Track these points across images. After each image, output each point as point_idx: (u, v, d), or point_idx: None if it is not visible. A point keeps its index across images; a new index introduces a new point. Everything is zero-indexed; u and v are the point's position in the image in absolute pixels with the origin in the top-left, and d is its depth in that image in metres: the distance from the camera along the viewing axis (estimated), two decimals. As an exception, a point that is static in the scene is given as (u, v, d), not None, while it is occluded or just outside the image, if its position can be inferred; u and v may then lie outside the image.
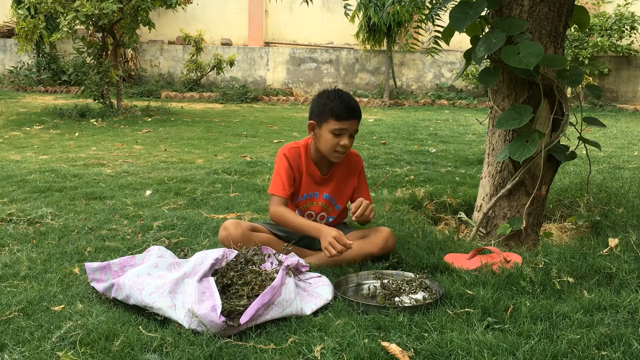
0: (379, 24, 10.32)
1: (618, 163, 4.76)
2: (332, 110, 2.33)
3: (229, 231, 2.28)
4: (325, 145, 2.38)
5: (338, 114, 2.33)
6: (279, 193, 2.38)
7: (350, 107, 2.35)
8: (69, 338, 1.66)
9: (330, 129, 2.34)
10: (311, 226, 2.26)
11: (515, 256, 2.26)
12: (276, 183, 2.40)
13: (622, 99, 10.61)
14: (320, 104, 2.38)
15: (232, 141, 6.02)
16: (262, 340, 1.68)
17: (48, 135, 6.33)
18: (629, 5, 10.14)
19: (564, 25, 2.53)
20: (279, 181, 2.40)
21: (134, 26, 7.74)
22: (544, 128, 2.50)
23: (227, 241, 2.27)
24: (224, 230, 2.30)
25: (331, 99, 2.36)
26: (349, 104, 2.35)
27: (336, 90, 2.40)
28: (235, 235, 2.26)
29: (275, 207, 2.36)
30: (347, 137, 2.36)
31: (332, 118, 2.33)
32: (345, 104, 2.34)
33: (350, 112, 2.34)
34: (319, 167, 2.48)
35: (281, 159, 2.43)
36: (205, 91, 11.64)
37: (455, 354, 1.58)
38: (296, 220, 2.30)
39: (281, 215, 2.33)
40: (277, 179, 2.41)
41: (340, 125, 2.33)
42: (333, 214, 2.53)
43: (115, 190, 3.61)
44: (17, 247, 2.49)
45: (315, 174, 2.48)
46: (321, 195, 2.49)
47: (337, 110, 2.33)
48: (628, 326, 1.75)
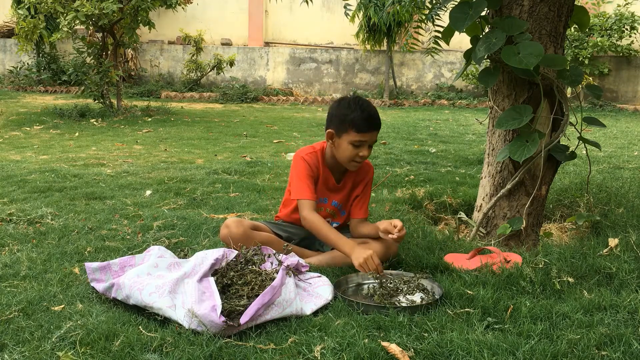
0: (379, 24, 10.32)
1: (618, 163, 4.76)
2: (353, 122, 2.27)
3: (230, 229, 2.27)
4: (343, 155, 2.34)
5: (359, 126, 2.27)
6: (307, 197, 2.31)
7: (372, 119, 2.29)
8: (69, 338, 1.66)
9: (350, 140, 2.29)
10: (343, 242, 2.19)
11: (515, 256, 2.26)
12: (301, 187, 2.33)
13: (622, 99, 10.61)
14: (341, 114, 2.31)
15: (232, 141, 6.02)
16: (262, 340, 1.68)
17: (48, 135, 6.33)
18: (629, 5, 10.14)
19: (564, 25, 2.53)
20: (304, 185, 2.33)
21: (134, 26, 7.74)
22: (544, 128, 2.50)
23: (228, 239, 2.26)
24: (225, 229, 2.29)
25: (352, 109, 2.29)
26: (369, 115, 2.29)
27: (356, 99, 2.33)
28: (236, 234, 2.25)
29: (307, 212, 2.28)
30: (366, 148, 2.32)
31: (353, 129, 2.28)
32: (366, 115, 2.28)
33: (371, 124, 2.29)
34: (333, 174, 2.46)
35: (301, 162, 2.37)
36: (205, 91, 11.64)
37: (455, 354, 1.58)
38: (329, 233, 2.22)
39: (314, 223, 2.26)
40: (301, 183, 2.34)
41: (361, 137, 2.29)
42: (338, 220, 2.52)
43: (115, 190, 3.61)
44: (17, 247, 2.49)
45: (330, 181, 2.46)
46: (330, 202, 2.48)
47: (358, 122, 2.27)
48: (628, 326, 1.75)
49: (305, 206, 2.29)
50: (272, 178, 4.07)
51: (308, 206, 2.29)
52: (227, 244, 2.28)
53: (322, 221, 2.26)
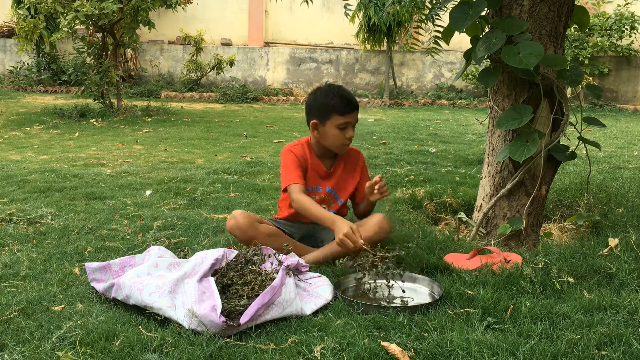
0: (379, 24, 10.32)
1: (618, 163, 4.76)
2: (335, 107, 2.42)
3: (237, 220, 2.30)
4: (332, 140, 2.46)
5: (342, 110, 2.42)
6: (295, 181, 2.39)
7: (351, 101, 2.45)
8: (69, 338, 1.66)
9: (335, 124, 2.43)
10: (327, 217, 2.25)
11: (515, 256, 2.26)
12: (289, 175, 2.42)
13: (622, 99, 10.61)
14: (321, 103, 2.45)
15: (232, 141, 6.02)
16: (262, 340, 1.68)
17: (48, 135, 6.33)
18: (629, 5, 10.14)
19: (564, 25, 2.53)
20: (291, 172, 2.42)
21: (134, 26, 7.74)
22: (544, 128, 2.50)
23: (235, 230, 2.30)
24: (232, 219, 2.32)
25: (331, 96, 2.43)
26: (348, 98, 2.45)
27: (331, 87, 2.48)
28: (243, 224, 2.28)
29: (296, 194, 2.35)
30: (351, 128, 2.46)
31: (336, 114, 2.42)
32: (345, 98, 2.44)
33: (352, 105, 2.45)
34: (323, 162, 2.55)
35: (288, 154, 2.48)
36: (205, 91, 11.64)
37: (455, 354, 1.58)
38: (314, 208, 2.29)
39: (302, 202, 2.32)
40: (288, 171, 2.43)
41: (345, 119, 2.43)
42: (334, 207, 2.56)
43: (115, 190, 3.61)
44: (17, 247, 2.49)
45: (320, 168, 2.54)
46: (323, 189, 2.54)
47: (340, 106, 2.42)
48: (628, 326, 1.75)
49: (295, 190, 2.37)
50: (272, 178, 4.07)
51: (297, 189, 2.37)
52: (235, 235, 2.33)
53: (310, 200, 2.34)
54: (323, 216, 2.26)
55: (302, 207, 2.33)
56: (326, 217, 2.25)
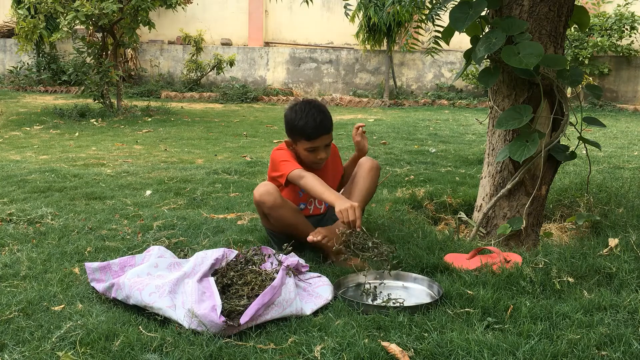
0: (379, 24, 10.31)
1: (618, 163, 4.76)
2: (302, 131, 2.36)
3: (267, 186, 2.32)
4: (305, 159, 2.44)
5: (308, 135, 2.36)
6: (295, 167, 2.34)
7: (318, 126, 2.36)
8: (69, 338, 1.66)
9: (304, 147, 2.40)
10: (330, 192, 2.22)
11: (516, 256, 2.26)
12: (289, 164, 2.37)
13: (622, 99, 10.61)
14: (291, 123, 2.40)
15: (232, 141, 6.02)
16: (262, 340, 1.68)
17: (48, 135, 6.33)
18: (629, 5, 10.13)
19: (564, 25, 2.53)
20: (291, 162, 2.38)
21: (134, 26, 7.74)
22: (544, 128, 2.50)
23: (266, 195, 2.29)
24: (262, 186, 2.33)
25: (299, 117, 2.37)
26: (316, 122, 2.36)
27: (304, 106, 2.40)
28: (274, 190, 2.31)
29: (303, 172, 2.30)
30: (322, 150, 2.41)
31: (303, 138, 2.38)
32: (312, 123, 2.35)
33: (318, 130, 2.36)
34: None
35: (280, 152, 2.46)
36: (205, 91, 11.64)
37: (455, 354, 1.58)
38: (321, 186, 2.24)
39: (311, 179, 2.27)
40: (287, 162, 2.38)
41: (312, 144, 2.38)
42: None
43: (115, 190, 3.61)
44: (17, 247, 2.49)
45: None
46: None
47: (306, 131, 2.36)
48: (628, 326, 1.75)
49: (299, 171, 2.32)
50: (272, 178, 4.07)
51: (301, 170, 2.32)
52: (263, 202, 2.30)
53: (318, 178, 2.29)
54: (328, 194, 2.21)
55: (311, 184, 2.26)
56: (328, 193, 2.21)
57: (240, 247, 2.46)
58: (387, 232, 2.66)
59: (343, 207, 2.09)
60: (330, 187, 2.28)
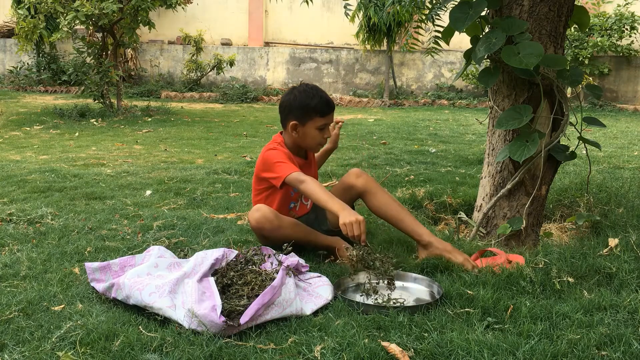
0: (379, 24, 10.31)
1: (618, 163, 4.76)
2: (316, 108, 2.42)
3: (263, 211, 2.30)
4: (311, 141, 2.48)
5: (322, 111, 2.43)
6: (293, 169, 2.31)
7: (330, 101, 2.47)
8: (69, 338, 1.66)
9: (316, 125, 2.44)
10: (334, 201, 2.17)
11: (519, 257, 2.25)
12: (286, 166, 2.33)
13: (622, 99, 10.61)
14: (302, 104, 2.43)
15: (232, 141, 6.02)
16: (262, 340, 1.68)
17: (48, 135, 6.33)
18: (629, 5, 10.14)
19: (564, 25, 2.53)
20: (288, 164, 2.35)
21: (134, 26, 7.74)
22: (544, 128, 2.50)
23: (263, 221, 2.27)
24: (257, 212, 2.30)
25: (311, 97, 2.43)
26: (327, 99, 2.46)
27: (309, 87, 2.47)
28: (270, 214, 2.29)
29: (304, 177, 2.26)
30: (328, 129, 2.50)
31: (317, 115, 2.43)
32: (325, 100, 2.45)
33: (331, 106, 2.47)
34: (299, 156, 2.57)
35: (274, 151, 2.42)
36: (205, 91, 11.64)
37: (455, 354, 1.58)
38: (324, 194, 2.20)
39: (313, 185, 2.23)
40: (283, 164, 2.35)
41: (325, 121, 2.46)
42: None
43: (115, 190, 3.61)
44: (17, 247, 2.49)
45: (301, 161, 2.55)
46: None
47: (320, 108, 2.43)
48: (628, 326, 1.75)
49: (299, 174, 2.28)
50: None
51: (299, 174, 2.29)
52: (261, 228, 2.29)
53: (321, 185, 2.27)
54: (332, 203, 2.16)
55: (312, 190, 2.22)
56: (332, 202, 2.17)
57: (240, 247, 2.46)
58: (387, 232, 2.66)
59: (348, 221, 2.05)
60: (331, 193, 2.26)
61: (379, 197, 2.44)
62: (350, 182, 2.49)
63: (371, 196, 2.45)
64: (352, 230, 2.04)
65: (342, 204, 2.16)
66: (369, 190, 2.45)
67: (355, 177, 2.49)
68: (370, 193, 2.45)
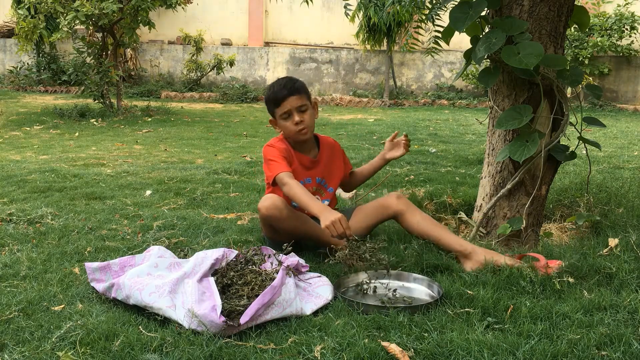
0: (379, 24, 10.31)
1: (618, 163, 4.76)
2: (270, 100, 2.48)
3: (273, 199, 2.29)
4: (287, 132, 2.49)
5: (275, 100, 2.45)
6: (284, 169, 2.34)
7: (282, 88, 2.44)
8: (69, 338, 1.66)
9: (279, 115, 2.46)
10: (314, 204, 2.19)
11: (558, 262, 2.20)
12: (277, 165, 2.37)
13: (622, 99, 10.61)
14: (266, 101, 2.52)
15: (232, 141, 6.02)
16: (262, 340, 1.68)
17: (48, 135, 6.33)
18: (629, 5, 10.13)
19: (564, 25, 2.53)
20: (279, 163, 2.37)
21: (134, 26, 7.74)
22: (544, 128, 2.50)
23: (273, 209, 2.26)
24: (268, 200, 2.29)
25: (268, 91, 2.49)
26: (280, 85, 2.45)
27: (275, 81, 2.51)
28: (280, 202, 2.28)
29: (288, 179, 2.30)
30: (295, 114, 2.44)
31: (274, 106, 2.47)
32: (277, 87, 2.46)
33: (282, 92, 2.44)
34: (305, 153, 2.56)
35: (271, 148, 2.46)
36: (205, 91, 11.64)
37: (455, 354, 1.58)
38: (305, 196, 2.22)
39: (295, 187, 2.26)
40: (275, 162, 2.38)
41: (282, 109, 2.44)
42: (327, 197, 2.58)
43: (115, 190, 3.61)
44: (17, 247, 2.49)
45: (305, 159, 2.54)
46: (314, 180, 2.55)
47: (272, 98, 2.46)
48: (628, 326, 1.75)
49: (285, 176, 2.32)
50: (272, 178, 4.07)
51: (287, 175, 2.32)
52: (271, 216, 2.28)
53: (302, 187, 2.28)
54: (309, 203, 2.19)
55: (294, 193, 2.25)
56: (312, 204, 2.19)
57: (240, 247, 2.46)
58: (387, 232, 2.66)
59: (329, 222, 2.06)
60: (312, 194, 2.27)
61: (412, 217, 2.44)
62: (388, 203, 2.49)
63: (406, 215, 2.45)
64: (335, 229, 2.06)
65: (322, 205, 2.18)
66: (405, 210, 2.46)
67: (396, 198, 2.49)
68: (405, 213, 2.46)
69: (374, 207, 2.54)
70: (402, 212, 2.46)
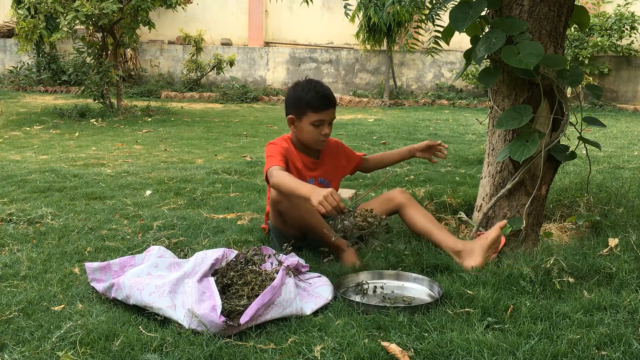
0: (379, 24, 10.31)
1: (618, 163, 4.76)
2: (310, 103, 2.41)
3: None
4: (307, 137, 2.47)
5: (316, 106, 2.41)
6: (275, 164, 2.30)
7: (326, 97, 2.43)
8: (69, 338, 1.66)
9: (310, 121, 2.43)
10: (302, 185, 2.12)
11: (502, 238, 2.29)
12: (271, 161, 2.35)
13: (622, 99, 10.61)
14: (297, 98, 2.45)
15: (232, 141, 6.02)
16: (262, 340, 1.68)
17: (48, 135, 6.33)
18: (629, 5, 10.13)
19: (564, 25, 2.53)
20: (274, 158, 2.35)
21: (134, 26, 7.74)
22: (544, 128, 2.50)
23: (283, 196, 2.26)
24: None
25: (306, 91, 2.42)
26: (324, 95, 2.42)
27: (309, 82, 2.47)
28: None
29: (275, 171, 2.25)
30: (326, 126, 2.45)
31: (311, 110, 2.41)
32: (320, 95, 2.42)
33: (326, 102, 2.43)
34: (308, 155, 2.56)
35: (271, 147, 2.46)
36: (205, 91, 11.64)
37: (455, 354, 1.58)
38: (291, 181, 2.17)
39: (280, 176, 2.21)
40: (270, 159, 2.37)
41: (319, 117, 2.42)
42: None
43: (115, 190, 3.61)
44: (17, 247, 2.49)
45: (307, 160, 2.54)
46: (316, 181, 2.55)
47: (314, 103, 2.41)
48: (628, 326, 1.75)
49: (275, 169, 2.26)
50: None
51: (277, 168, 2.27)
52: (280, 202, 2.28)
53: (287, 174, 2.23)
54: (301, 187, 2.12)
55: (280, 182, 2.19)
56: (300, 186, 2.12)
57: (240, 247, 2.46)
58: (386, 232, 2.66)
59: (320, 198, 1.98)
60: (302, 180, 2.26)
61: (412, 211, 2.51)
62: (393, 195, 2.58)
63: (407, 208, 2.53)
64: (327, 205, 1.98)
65: (311, 186, 2.11)
66: (406, 204, 2.54)
67: (400, 192, 2.58)
68: (406, 206, 2.53)
69: (379, 201, 2.59)
70: (405, 205, 2.53)
